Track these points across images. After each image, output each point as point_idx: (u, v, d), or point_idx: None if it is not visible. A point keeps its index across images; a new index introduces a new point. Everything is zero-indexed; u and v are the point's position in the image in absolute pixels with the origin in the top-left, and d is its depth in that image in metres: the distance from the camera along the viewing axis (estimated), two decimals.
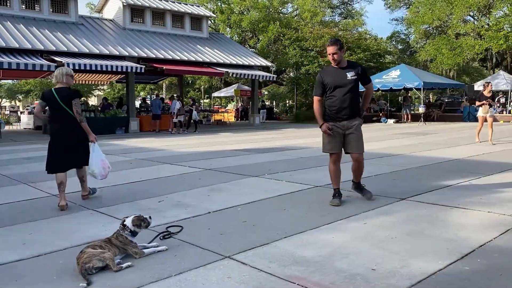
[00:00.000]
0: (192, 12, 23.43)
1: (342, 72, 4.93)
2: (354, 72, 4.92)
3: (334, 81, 4.94)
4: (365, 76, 5.08)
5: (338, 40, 5.02)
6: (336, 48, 4.85)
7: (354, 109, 4.98)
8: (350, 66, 5.01)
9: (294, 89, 31.18)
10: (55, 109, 5.24)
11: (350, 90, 4.91)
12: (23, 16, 18.10)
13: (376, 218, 4.39)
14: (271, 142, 13.29)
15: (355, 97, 4.97)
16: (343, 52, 4.96)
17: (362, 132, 5.06)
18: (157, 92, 30.11)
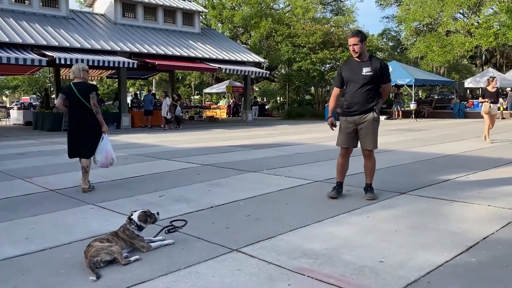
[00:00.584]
0: (184, 7, 23.28)
1: (359, 66, 4.80)
2: (372, 68, 4.74)
3: (350, 75, 4.86)
4: (384, 74, 4.83)
5: (360, 31, 4.90)
6: (357, 40, 4.71)
7: (366, 105, 4.80)
8: (370, 61, 4.82)
9: (286, 85, 31.22)
10: (74, 102, 5.68)
11: (363, 86, 4.76)
12: (13, 10, 17.83)
13: (378, 212, 4.42)
14: (265, 138, 13.30)
15: (369, 93, 4.78)
16: (364, 45, 4.79)
17: (375, 129, 4.92)
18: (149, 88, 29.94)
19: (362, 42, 4.74)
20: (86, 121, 5.69)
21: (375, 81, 4.80)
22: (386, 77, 4.86)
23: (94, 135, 5.74)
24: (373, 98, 4.83)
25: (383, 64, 4.86)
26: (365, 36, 4.88)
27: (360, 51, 4.77)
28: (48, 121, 17.41)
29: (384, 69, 4.82)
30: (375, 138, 4.95)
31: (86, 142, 5.71)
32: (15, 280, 2.93)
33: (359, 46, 4.74)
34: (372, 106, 4.82)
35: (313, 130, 16.95)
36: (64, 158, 8.98)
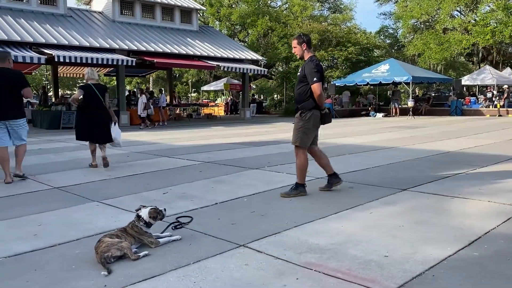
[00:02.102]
0: (181, 4, 23.27)
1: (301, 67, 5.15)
2: (302, 69, 5.01)
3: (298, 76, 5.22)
4: (308, 74, 4.89)
5: (300, 34, 5.12)
6: (295, 42, 5.00)
7: (297, 104, 5.08)
8: (305, 62, 5.03)
9: (283, 83, 31.28)
10: (93, 99, 7.30)
11: (297, 86, 5.09)
12: (11, 8, 17.80)
13: (381, 208, 4.49)
14: (265, 135, 13.36)
15: (301, 93, 4.99)
16: (304, 46, 4.96)
17: (297, 125, 5.04)
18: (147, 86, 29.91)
19: (300, 45, 4.96)
20: (102, 114, 7.45)
21: (305, 82, 4.95)
22: (309, 77, 4.90)
23: (106, 125, 7.50)
24: (302, 98, 4.99)
25: (310, 65, 4.91)
26: (305, 39, 5.01)
27: (299, 53, 5.03)
28: (47, 118, 17.40)
29: (308, 70, 4.90)
30: (295, 135, 5.07)
31: (104, 130, 7.45)
32: (27, 276, 2.98)
33: (297, 49, 5.00)
34: (298, 106, 5.05)
35: None
36: (66, 156, 9.06)
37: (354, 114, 25.84)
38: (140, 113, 17.65)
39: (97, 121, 7.34)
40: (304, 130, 5.00)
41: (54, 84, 23.95)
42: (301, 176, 5.09)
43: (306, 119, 4.95)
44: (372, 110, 26.29)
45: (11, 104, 6.22)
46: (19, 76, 6.30)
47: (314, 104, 4.92)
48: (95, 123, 7.34)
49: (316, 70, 4.87)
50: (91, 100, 7.27)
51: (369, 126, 17.06)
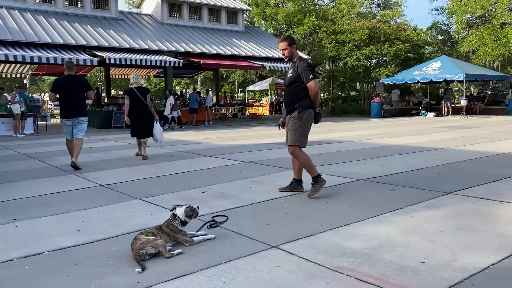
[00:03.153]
0: (228, 5, 23.54)
1: (289, 69, 5.13)
2: (293, 69, 4.97)
3: (285, 78, 5.20)
4: (303, 73, 4.88)
5: (288, 36, 5.16)
6: (285, 44, 4.95)
7: (290, 105, 5.02)
8: (295, 62, 5.01)
9: (330, 82, 30.88)
10: (137, 101, 8.48)
11: (288, 87, 5.05)
12: (67, 13, 18.74)
13: (423, 212, 4.32)
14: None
15: (293, 94, 4.97)
16: (294, 48, 4.99)
17: (295, 126, 4.99)
18: (194, 86, 30.49)
19: (290, 46, 4.97)
20: (145, 113, 8.55)
21: (298, 82, 4.92)
22: (305, 76, 4.87)
23: (151, 122, 8.65)
24: (297, 98, 4.95)
25: (302, 64, 4.94)
26: (294, 40, 5.10)
27: (289, 55, 5.00)
28: (99, 118, 18.16)
29: (302, 68, 4.88)
30: (294, 135, 5.00)
31: (147, 127, 8.64)
32: (68, 269, 3.12)
33: (287, 50, 4.98)
34: (294, 106, 4.96)
35: (358, 127, 16.70)
36: (114, 155, 9.41)
37: (403, 114, 25.06)
38: (167, 114, 17.69)
39: (139, 119, 8.53)
40: (302, 129, 5.00)
41: (106, 85, 24.97)
42: (312, 170, 5.07)
43: (304, 118, 4.95)
44: (422, 109, 25.38)
45: (76, 105, 7.54)
46: (83, 81, 7.82)
47: (310, 103, 4.97)
48: (138, 120, 8.54)
49: (309, 68, 4.93)
50: (134, 101, 8.49)
51: (419, 126, 16.49)
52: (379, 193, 5.19)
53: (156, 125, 8.71)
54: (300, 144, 5.02)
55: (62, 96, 7.51)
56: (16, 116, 14.88)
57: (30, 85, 51.34)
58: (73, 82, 7.52)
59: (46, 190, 5.85)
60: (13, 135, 14.78)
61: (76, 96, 7.49)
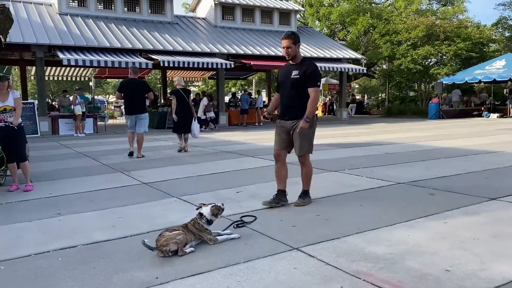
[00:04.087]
0: (280, 7, 23.58)
1: (290, 69, 4.66)
2: (300, 71, 4.55)
3: (282, 78, 4.76)
4: (309, 77, 4.53)
5: (293, 33, 4.68)
6: (290, 42, 4.55)
7: (296, 110, 4.62)
8: (302, 64, 4.62)
9: (386, 82, 30.01)
10: (182, 101, 9.69)
11: (291, 89, 4.62)
12: (125, 18, 19.62)
13: (459, 218, 4.11)
14: (357, 137, 12.97)
15: (298, 97, 4.60)
16: (298, 47, 4.61)
17: (304, 135, 4.63)
18: (245, 88, 30.80)
19: (295, 45, 4.58)
20: (187, 111, 9.78)
21: (303, 85, 4.56)
22: (310, 80, 4.52)
23: (191, 119, 9.85)
24: (303, 103, 4.57)
25: (311, 67, 4.56)
26: (298, 38, 4.65)
27: (293, 54, 4.61)
28: (154, 119, 18.83)
29: (310, 72, 4.52)
30: (302, 144, 4.68)
31: (188, 124, 9.82)
32: (95, 263, 3.29)
33: (292, 49, 4.57)
34: (302, 111, 4.56)
35: (413, 128, 16.12)
36: (162, 154, 9.73)
37: (464, 115, 23.82)
38: (200, 116, 17.83)
39: (182, 117, 9.72)
40: (311, 137, 4.75)
41: (163, 87, 25.87)
42: (310, 183, 4.87)
43: (311, 125, 4.65)
44: (485, 110, 24.00)
45: (138, 104, 9.04)
46: (144, 84, 9.46)
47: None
48: (181, 118, 9.72)
49: (319, 74, 4.67)
50: (179, 100, 9.71)
51: (479, 128, 15.63)
52: (417, 197, 4.99)
53: (194, 122, 9.91)
54: (311, 152, 4.84)
55: (126, 96, 9.03)
56: (78, 116, 15.81)
57: (96, 88, 54.51)
58: (135, 84, 9.00)
59: (93, 187, 6.18)
60: (74, 135, 15.71)
61: (137, 96, 8.94)
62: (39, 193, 5.90)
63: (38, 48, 15.72)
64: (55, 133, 16.28)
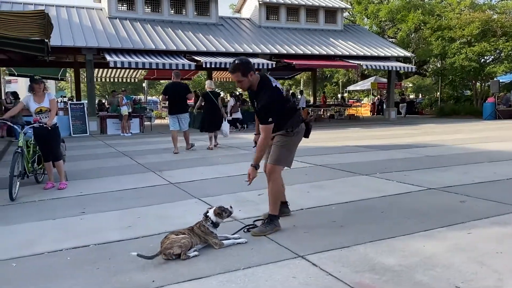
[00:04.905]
0: (326, 5, 23.19)
1: (255, 94, 3.98)
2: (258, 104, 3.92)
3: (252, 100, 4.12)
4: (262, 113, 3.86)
5: (237, 65, 3.85)
6: (238, 76, 3.84)
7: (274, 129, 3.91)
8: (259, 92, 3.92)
9: (439, 80, 28.72)
10: (211, 102, 10.63)
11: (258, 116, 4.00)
12: (171, 20, 20.06)
13: (486, 228, 3.81)
14: (401, 138, 12.47)
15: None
16: (251, 76, 3.84)
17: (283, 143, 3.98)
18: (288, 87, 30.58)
19: (246, 76, 3.83)
20: (216, 112, 10.69)
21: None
22: (263, 116, 3.85)
23: (220, 119, 10.79)
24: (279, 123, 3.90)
25: (263, 103, 3.85)
26: (248, 66, 3.84)
27: (246, 85, 3.92)
28: (197, 120, 19.11)
29: (263, 107, 3.85)
30: (278, 153, 3.99)
31: (216, 123, 10.77)
32: (100, 263, 3.34)
33: (244, 82, 3.88)
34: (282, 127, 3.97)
35: (462, 129, 15.30)
36: (196, 154, 9.83)
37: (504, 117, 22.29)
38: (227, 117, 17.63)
39: (210, 117, 10.66)
40: (289, 149, 4.07)
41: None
42: (277, 206, 4.00)
43: (292, 135, 4.00)
44: None
45: (181, 105, 10.21)
46: (186, 87, 10.37)
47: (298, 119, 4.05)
48: (210, 117, 10.67)
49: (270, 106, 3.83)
50: (208, 102, 10.65)
51: None
52: (445, 205, 4.69)
53: (224, 122, 11.01)
54: (283, 164, 4.07)
55: (169, 98, 10.12)
56: (124, 117, 16.36)
57: (149, 88, 56.36)
58: (177, 87, 10.08)
59: (123, 186, 6.33)
60: (121, 134, 16.27)
61: (179, 98, 10.04)
62: (71, 191, 6.12)
63: (87, 51, 16.42)
64: (103, 133, 16.94)
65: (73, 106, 16.87)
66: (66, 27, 17.23)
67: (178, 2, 20.52)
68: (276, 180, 4.01)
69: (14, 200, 5.59)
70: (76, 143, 13.25)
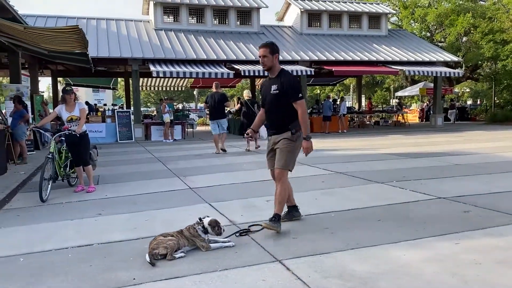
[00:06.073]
0: (369, 10, 22.90)
1: (270, 83, 4.38)
2: (278, 85, 4.25)
3: (263, 93, 4.46)
4: (291, 91, 4.21)
5: (271, 43, 4.35)
6: (266, 51, 4.22)
7: (279, 124, 4.32)
8: (279, 76, 4.31)
9: (492, 85, 27.35)
10: (248, 108, 12.73)
11: (272, 104, 4.33)
12: (214, 31, 20.64)
13: (476, 239, 3.73)
14: (437, 146, 12.10)
15: (281, 112, 4.29)
16: (276, 58, 4.28)
17: (287, 148, 4.25)
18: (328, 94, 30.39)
19: (272, 55, 4.23)
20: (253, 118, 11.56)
21: (283, 100, 4.24)
22: (291, 93, 4.20)
23: None
24: (287, 117, 4.25)
25: (288, 79, 4.24)
26: (277, 49, 4.30)
27: (269, 64, 4.28)
28: (237, 126, 19.50)
29: (288, 84, 4.20)
30: (285, 157, 4.23)
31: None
32: (95, 261, 3.63)
33: (268, 59, 4.24)
34: (286, 126, 4.26)
35: (509, 137, 14.54)
36: (226, 160, 10.11)
37: None
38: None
39: (249, 122, 11.91)
40: (294, 152, 4.33)
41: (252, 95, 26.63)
42: (283, 205, 4.31)
43: (295, 139, 4.29)
44: None
45: (220, 111, 11.79)
46: (224, 96, 11.89)
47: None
48: (248, 123, 11.77)
49: (298, 84, 4.38)
50: (247, 109, 12.80)
51: None
52: (447, 214, 4.61)
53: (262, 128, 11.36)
54: (290, 168, 4.34)
55: (210, 105, 11.64)
56: (166, 124, 17.03)
57: (200, 96, 58.00)
58: (217, 96, 11.60)
59: (144, 190, 6.70)
60: (163, 141, 16.94)
61: (218, 105, 11.59)
62: (98, 194, 6.56)
63: (133, 61, 17.28)
64: (148, 139, 17.71)
65: (120, 114, 17.76)
66: (115, 39, 18.24)
67: (221, 13, 21.09)
68: (285, 183, 4.33)
69: (44, 201, 6.08)
70: (120, 148, 13.99)
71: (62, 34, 7.90)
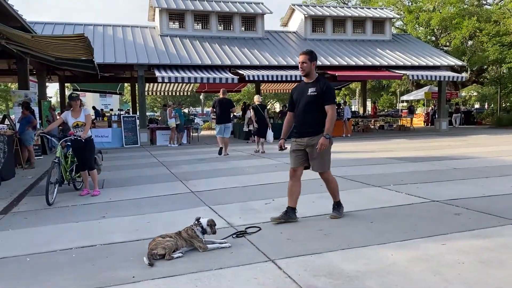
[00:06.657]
0: (373, 15, 23.06)
1: (306, 87, 4.85)
2: (317, 88, 4.73)
3: (297, 95, 4.86)
4: (327, 95, 4.72)
5: (311, 51, 4.87)
6: (306, 58, 4.76)
7: (313, 127, 4.77)
8: (317, 82, 4.81)
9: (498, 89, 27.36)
10: (258, 113, 13.03)
11: (307, 106, 4.76)
12: (219, 36, 20.90)
13: (463, 240, 3.87)
14: (440, 150, 12.20)
15: (314, 114, 4.75)
16: (313, 65, 4.81)
17: (326, 151, 4.79)
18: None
19: (311, 62, 4.78)
20: (263, 122, 12.86)
21: (319, 103, 4.63)
22: (327, 97, 4.71)
23: (266, 128, 12.70)
24: (319, 120, 4.66)
25: (327, 85, 4.79)
26: (315, 57, 4.85)
27: (307, 69, 4.80)
28: (242, 131, 19.70)
29: (326, 89, 4.72)
30: (322, 161, 4.82)
31: (264, 131, 12.67)
32: (97, 261, 3.81)
33: (307, 65, 4.78)
34: (319, 128, 4.67)
35: (508, 141, 14.58)
36: (230, 165, 10.27)
37: None
38: (245, 129, 17.75)
39: (259, 125, 12.90)
40: (330, 153, 4.91)
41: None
42: (338, 193, 5.03)
43: (331, 143, 4.79)
44: None
45: (225, 116, 12.24)
46: (230, 102, 12.58)
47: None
48: (258, 126, 12.92)
49: (334, 91, 4.87)
50: (257, 113, 13.08)
51: None
52: (438, 217, 4.74)
53: (268, 130, 12.59)
54: (329, 168, 4.95)
55: (217, 110, 12.18)
56: (172, 128, 17.26)
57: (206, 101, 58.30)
58: (223, 101, 12.17)
59: (147, 194, 6.88)
60: (168, 145, 17.16)
61: (224, 110, 12.13)
62: (102, 198, 6.76)
63: (139, 67, 17.55)
64: (153, 144, 17.94)
65: (126, 119, 18.02)
66: (121, 45, 18.54)
67: (226, 19, 21.35)
68: (332, 180, 4.98)
69: (51, 204, 6.29)
70: (125, 153, 14.23)
71: (69, 42, 8.15)
